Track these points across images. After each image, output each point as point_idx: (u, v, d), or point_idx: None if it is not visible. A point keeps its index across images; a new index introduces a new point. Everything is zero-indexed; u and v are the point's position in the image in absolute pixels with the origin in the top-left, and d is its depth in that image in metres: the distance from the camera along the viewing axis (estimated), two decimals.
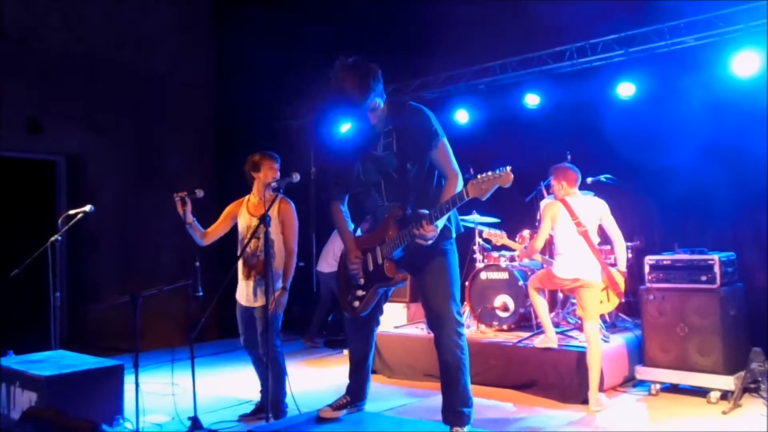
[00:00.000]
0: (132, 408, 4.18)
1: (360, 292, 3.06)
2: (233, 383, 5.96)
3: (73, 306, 8.05)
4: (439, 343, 2.88)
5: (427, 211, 2.72)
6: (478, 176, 2.61)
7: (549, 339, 5.31)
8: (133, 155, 8.60)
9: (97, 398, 4.38)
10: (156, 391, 5.42)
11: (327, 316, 7.72)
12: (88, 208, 5.33)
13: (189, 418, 4.36)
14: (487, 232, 6.09)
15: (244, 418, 4.75)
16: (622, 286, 5.19)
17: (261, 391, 4.80)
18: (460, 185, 2.86)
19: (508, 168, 2.57)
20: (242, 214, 4.60)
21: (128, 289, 4.30)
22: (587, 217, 5.03)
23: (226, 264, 4.73)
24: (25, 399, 4.37)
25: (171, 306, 7.48)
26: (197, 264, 4.31)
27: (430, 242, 2.74)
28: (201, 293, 4.34)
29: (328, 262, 7.37)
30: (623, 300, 5.50)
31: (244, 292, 4.53)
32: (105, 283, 8.17)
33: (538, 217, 6.08)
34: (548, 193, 6.28)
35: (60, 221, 5.46)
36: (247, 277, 4.50)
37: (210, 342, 8.06)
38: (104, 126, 8.34)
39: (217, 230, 4.59)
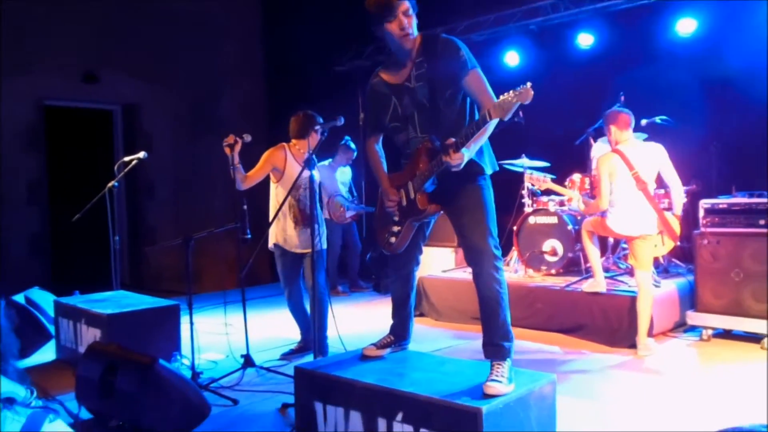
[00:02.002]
0: (188, 345, 4.39)
1: (395, 228, 3.09)
2: (284, 324, 6.14)
3: (134, 250, 8.41)
4: (477, 278, 2.89)
5: (453, 139, 2.71)
6: (500, 96, 2.57)
7: (598, 283, 5.25)
8: (187, 103, 8.76)
9: (155, 336, 4.61)
10: (210, 331, 5.65)
11: (337, 262, 7.73)
12: (141, 154, 5.49)
13: (242, 356, 4.55)
14: (529, 176, 6.00)
15: (285, 356, 4.95)
16: (677, 229, 5.02)
17: (301, 334, 5.03)
18: (491, 126, 2.83)
19: (528, 84, 2.52)
20: (291, 165, 4.69)
21: (183, 233, 4.45)
22: (646, 168, 4.82)
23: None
24: (90, 335, 4.64)
25: (224, 251, 7.73)
26: (245, 207, 4.41)
27: (458, 168, 2.71)
28: (249, 235, 4.45)
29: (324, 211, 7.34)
30: (678, 243, 5.36)
31: (292, 239, 4.68)
32: (162, 228, 8.48)
33: (594, 167, 5.95)
34: (597, 138, 6.12)
35: (116, 167, 5.65)
36: (296, 224, 4.65)
37: (263, 285, 8.30)
38: (158, 75, 8.50)
39: (256, 175, 4.67)
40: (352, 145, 7.48)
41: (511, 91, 2.55)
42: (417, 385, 2.78)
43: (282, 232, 4.73)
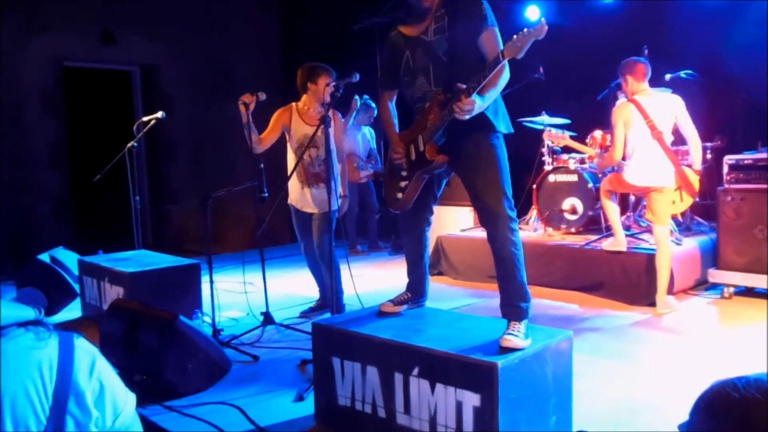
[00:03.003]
0: (209, 304, 4.46)
1: (403, 183, 3.06)
2: (303, 283, 6.21)
3: (155, 210, 8.50)
4: (492, 240, 2.86)
5: (464, 85, 2.66)
6: (514, 36, 2.52)
7: (618, 242, 5.21)
8: (204, 64, 8.72)
9: (176, 293, 4.69)
10: (231, 290, 5.73)
11: (355, 222, 7.74)
12: (160, 114, 5.49)
13: (261, 314, 4.62)
14: (547, 133, 5.91)
15: (305, 314, 5.02)
16: (696, 185, 4.95)
17: (319, 291, 5.10)
18: (507, 71, 2.78)
19: (543, 20, 2.48)
20: (296, 123, 4.67)
21: (203, 193, 4.48)
22: (661, 118, 4.73)
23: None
24: (113, 293, 4.73)
25: (243, 211, 7.78)
26: (261, 166, 4.41)
27: (471, 115, 2.67)
28: (267, 194, 4.47)
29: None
30: (697, 200, 5.27)
31: (303, 199, 4.70)
32: (182, 189, 8.54)
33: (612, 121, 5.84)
34: (620, 93, 5.99)
35: (135, 128, 5.67)
36: (307, 184, 4.65)
37: (282, 245, 8.37)
38: (176, 36, 8.45)
39: (269, 137, 4.66)
40: (372, 104, 7.42)
41: (525, 29, 2.51)
42: (433, 340, 2.79)
43: (293, 192, 4.76)
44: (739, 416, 0.73)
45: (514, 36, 2.53)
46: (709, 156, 5.69)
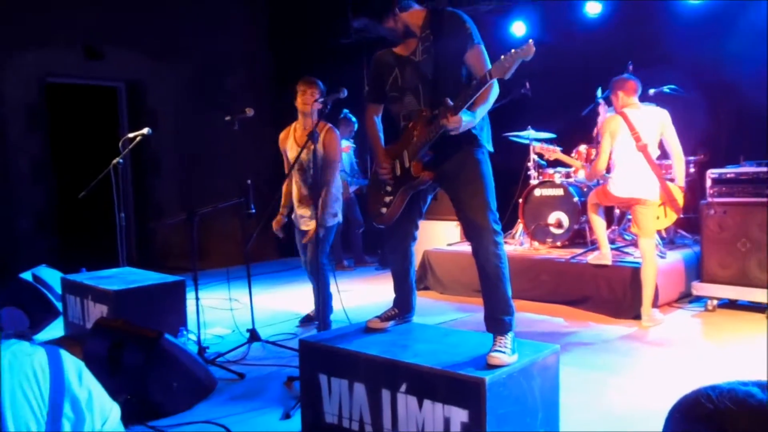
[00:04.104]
0: (194, 321, 4.42)
1: (387, 198, 3.07)
2: (290, 299, 6.19)
3: (140, 227, 8.44)
4: (477, 254, 2.87)
5: (451, 102, 2.68)
6: (501, 56, 2.54)
7: (603, 256, 5.23)
8: (191, 79, 8.70)
9: (161, 311, 4.64)
10: (216, 306, 5.69)
11: (340, 237, 7.70)
12: (146, 130, 5.47)
13: (247, 331, 4.58)
14: (540, 146, 5.97)
15: (303, 323, 5.15)
16: (680, 201, 4.98)
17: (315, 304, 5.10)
18: (495, 89, 2.80)
19: (530, 41, 2.50)
20: (290, 146, 4.73)
21: (188, 209, 4.45)
22: (647, 131, 4.79)
23: (279, 183, 4.84)
24: (97, 311, 4.68)
25: (229, 227, 7.75)
26: (249, 182, 4.40)
27: (458, 131, 2.69)
28: (254, 210, 4.45)
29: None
30: (681, 216, 5.33)
31: (298, 218, 4.76)
32: (168, 205, 8.48)
33: (595, 133, 5.90)
34: (608, 106, 6.06)
35: (121, 144, 5.64)
36: (300, 202, 4.71)
37: (269, 261, 8.34)
38: (162, 51, 8.43)
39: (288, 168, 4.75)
40: (353, 118, 7.46)
41: (512, 50, 2.53)
42: (421, 356, 2.79)
43: (295, 208, 4.83)
44: (713, 427, 0.73)
45: (502, 56, 2.55)
46: (692, 170, 5.76)
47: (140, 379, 3.38)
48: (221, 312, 5.50)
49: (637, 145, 4.74)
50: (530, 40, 2.52)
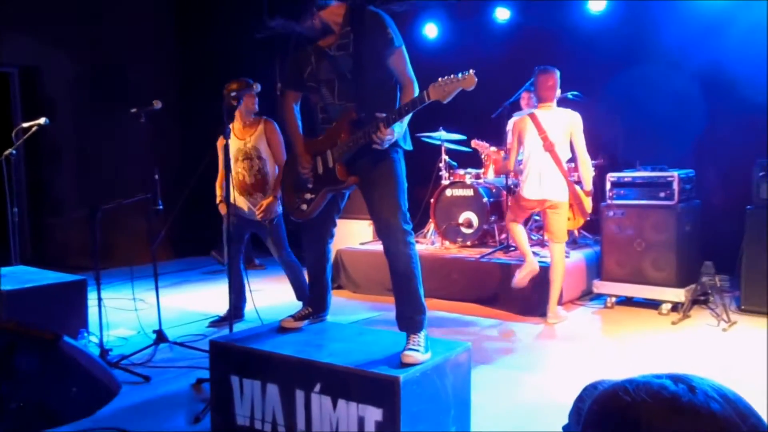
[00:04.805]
0: (96, 322, 4.20)
1: (308, 195, 3.04)
2: (198, 299, 6.01)
3: (36, 223, 7.94)
4: (388, 253, 2.89)
5: (384, 114, 2.68)
6: (440, 79, 2.56)
7: (529, 264, 5.00)
8: (92, 67, 8.26)
9: (60, 313, 4.38)
10: (120, 307, 5.44)
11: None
12: (42, 120, 5.15)
13: (154, 332, 4.41)
14: (475, 141, 6.16)
15: (215, 324, 5.03)
16: (588, 205, 5.06)
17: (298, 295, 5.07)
18: (416, 91, 2.82)
19: (472, 71, 2.53)
20: (231, 140, 4.74)
21: (90, 204, 4.22)
22: (555, 131, 4.86)
23: (187, 177, 4.69)
24: None
25: (134, 224, 7.41)
26: (156, 177, 4.24)
27: (386, 145, 2.71)
28: (161, 206, 4.29)
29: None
30: (588, 219, 5.54)
31: (245, 206, 4.88)
32: (67, 200, 8.03)
33: (505, 134, 6.09)
34: (513, 112, 6.25)
35: (14, 134, 5.28)
36: (245, 192, 4.86)
37: (177, 259, 8.06)
38: (61, 37, 7.96)
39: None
40: None
41: (453, 75, 2.53)
42: (335, 355, 2.77)
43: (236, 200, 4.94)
44: (630, 419, 0.77)
45: (440, 79, 2.55)
46: (593, 173, 6.03)
47: (35, 386, 3.17)
48: (125, 313, 5.27)
49: (545, 145, 4.82)
50: (471, 71, 2.53)
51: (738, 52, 5.68)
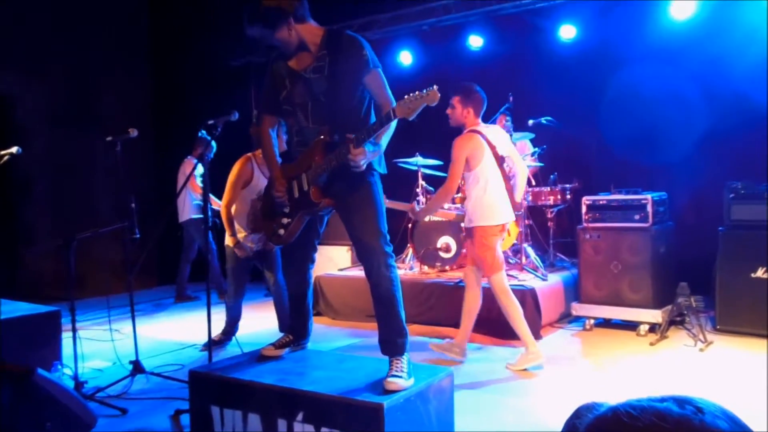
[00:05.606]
0: (71, 354, 4.11)
1: (285, 220, 3.03)
2: (176, 328, 5.92)
3: (8, 253, 7.79)
4: (369, 277, 2.90)
5: (353, 135, 2.70)
6: (405, 96, 2.60)
7: (532, 354, 4.35)
8: (65, 96, 8.21)
9: (33, 345, 4.28)
10: (95, 338, 5.34)
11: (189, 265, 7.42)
12: (15, 149, 5.06)
13: (130, 362, 4.33)
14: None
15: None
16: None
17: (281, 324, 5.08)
18: (394, 121, 2.85)
19: (435, 87, 2.58)
20: (258, 175, 4.94)
21: (64, 233, 4.16)
22: (503, 148, 4.47)
23: (163, 205, 4.65)
24: None
25: (109, 253, 7.32)
26: (133, 205, 4.19)
27: (361, 166, 2.72)
28: (138, 235, 4.24)
29: (186, 211, 6.95)
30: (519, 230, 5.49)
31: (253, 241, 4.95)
32: (40, 229, 7.90)
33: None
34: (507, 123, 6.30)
35: None
36: (258, 226, 4.86)
37: (153, 288, 7.95)
38: (34, 65, 7.90)
39: (234, 198, 4.95)
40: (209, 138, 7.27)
41: (417, 92, 2.58)
42: (317, 383, 2.75)
43: (244, 233, 4.95)
44: None
45: (406, 96, 2.60)
46: (568, 196, 6.11)
47: (9, 420, 3.09)
48: (101, 343, 5.16)
49: (498, 162, 4.42)
50: (435, 86, 2.58)
51: (707, 78, 5.84)
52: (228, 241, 4.89)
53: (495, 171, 4.40)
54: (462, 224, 4.61)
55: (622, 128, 6.21)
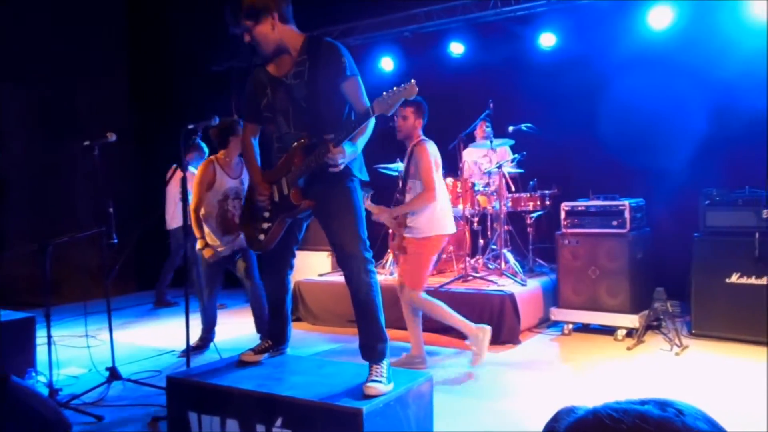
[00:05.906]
0: (46, 361, 4.05)
1: (265, 225, 3.03)
2: (153, 334, 5.86)
3: None
4: (349, 282, 2.90)
5: (332, 135, 2.71)
6: (384, 93, 2.62)
7: (474, 333, 4.46)
8: (44, 100, 8.11)
9: (6, 352, 4.21)
10: (71, 344, 5.27)
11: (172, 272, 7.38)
12: None
13: (106, 369, 4.28)
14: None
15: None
16: None
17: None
18: (372, 122, 2.86)
19: (413, 81, 2.60)
20: (221, 177, 4.88)
21: (40, 238, 4.10)
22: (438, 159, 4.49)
23: (141, 211, 4.61)
24: None
25: (86, 258, 7.23)
26: (111, 210, 4.14)
27: (339, 166, 2.72)
28: (116, 240, 4.19)
29: (176, 219, 6.93)
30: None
31: (224, 244, 4.91)
32: (15, 234, 7.78)
33: (460, 165, 6.18)
34: (468, 143, 6.37)
35: None
36: (230, 231, 4.88)
37: (130, 294, 7.87)
38: (9, 69, 7.80)
39: (202, 202, 4.88)
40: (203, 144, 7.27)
41: (395, 87, 2.60)
42: (296, 389, 2.74)
43: (213, 237, 4.90)
44: None
45: (384, 93, 2.62)
46: (547, 202, 6.16)
47: None
48: (76, 350, 5.10)
49: (441, 173, 4.50)
50: (412, 80, 2.61)
51: (684, 86, 5.92)
52: (198, 244, 4.86)
53: (442, 181, 4.50)
54: (406, 235, 4.48)
55: (600, 135, 6.28)
